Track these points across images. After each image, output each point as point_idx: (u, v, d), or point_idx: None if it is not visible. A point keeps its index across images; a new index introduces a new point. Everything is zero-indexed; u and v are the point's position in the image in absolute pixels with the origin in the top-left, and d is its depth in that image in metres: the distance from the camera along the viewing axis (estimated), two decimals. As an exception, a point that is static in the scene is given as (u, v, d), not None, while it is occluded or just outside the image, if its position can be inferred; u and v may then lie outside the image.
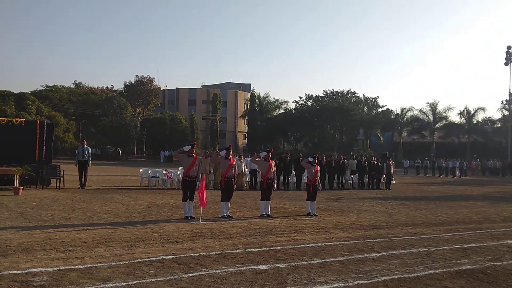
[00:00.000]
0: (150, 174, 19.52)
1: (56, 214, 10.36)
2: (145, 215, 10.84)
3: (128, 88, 67.63)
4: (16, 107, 46.05)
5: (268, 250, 7.43)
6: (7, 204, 11.58)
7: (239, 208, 12.95)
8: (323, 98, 70.41)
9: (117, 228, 8.81)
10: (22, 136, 16.21)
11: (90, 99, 59.63)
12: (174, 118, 60.49)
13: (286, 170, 21.08)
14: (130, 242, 7.54)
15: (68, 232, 8.16)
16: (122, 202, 13.25)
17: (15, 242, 7.10)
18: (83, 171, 16.98)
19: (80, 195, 14.50)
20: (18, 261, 5.96)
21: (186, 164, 10.91)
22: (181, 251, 7.08)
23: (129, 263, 6.16)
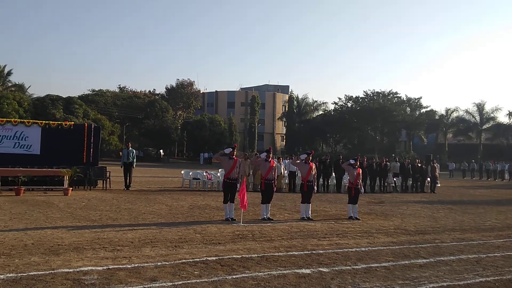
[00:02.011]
0: (191, 176, 19.86)
1: (103, 214, 10.72)
2: (187, 216, 11.03)
3: (170, 91, 69.16)
4: (65, 111, 47.94)
5: (310, 254, 7.38)
6: (58, 204, 12.08)
7: (279, 210, 12.94)
8: (363, 99, 69.30)
9: (161, 229, 9.01)
10: (71, 139, 16.85)
11: (133, 102, 61.31)
12: (213, 120, 61.24)
13: (326, 172, 20.89)
14: (174, 243, 7.69)
15: (116, 232, 8.42)
16: (165, 203, 13.54)
17: (66, 241, 7.40)
18: (128, 173, 17.48)
19: (125, 196, 14.93)
20: (69, 260, 6.20)
21: (226, 166, 11.01)
22: (223, 252, 7.16)
23: (174, 263, 6.29)
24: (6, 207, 11.13)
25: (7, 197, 13.32)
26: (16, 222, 9.15)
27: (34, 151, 16.33)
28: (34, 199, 13.15)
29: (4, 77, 65.75)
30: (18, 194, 13.80)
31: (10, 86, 65.12)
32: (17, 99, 47.24)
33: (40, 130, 16.52)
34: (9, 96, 46.81)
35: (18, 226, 8.70)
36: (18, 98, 47.66)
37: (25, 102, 47.98)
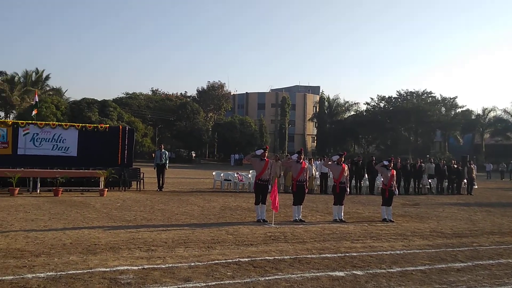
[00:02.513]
0: (222, 177, 19.99)
1: (138, 214, 10.93)
2: (219, 217, 11.10)
3: (201, 93, 69.99)
4: (100, 114, 49.23)
5: (343, 256, 7.29)
6: (94, 205, 12.41)
7: (310, 212, 12.86)
8: (396, 99, 68.08)
9: (194, 230, 9.11)
10: (107, 141, 17.28)
11: (165, 105, 62.33)
12: (243, 122, 61.50)
13: (359, 174, 20.62)
14: (207, 244, 7.76)
15: (150, 232, 8.56)
16: (197, 204, 13.68)
17: (103, 241, 7.59)
18: (161, 174, 17.77)
19: (158, 197, 15.18)
20: (106, 259, 6.35)
21: (258, 167, 11.02)
22: (256, 254, 7.16)
23: (207, 264, 6.34)
24: (46, 208, 11.51)
25: (46, 197, 13.78)
26: (55, 222, 9.45)
27: (72, 153, 16.82)
28: (71, 199, 13.54)
29: (43, 82, 68.17)
30: (57, 195, 14.25)
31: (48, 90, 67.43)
32: (55, 102, 48.87)
33: (77, 133, 16.99)
34: (47, 100, 48.46)
35: (57, 226, 8.98)
36: (56, 102, 49.29)
37: (62, 105, 49.58)
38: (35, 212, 10.61)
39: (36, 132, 16.35)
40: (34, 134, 16.30)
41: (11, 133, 15.97)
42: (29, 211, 10.81)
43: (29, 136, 16.23)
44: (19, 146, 16.08)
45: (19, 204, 11.97)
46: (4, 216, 9.86)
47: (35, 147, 16.32)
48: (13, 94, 60.58)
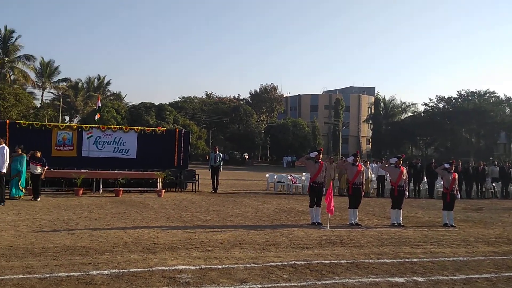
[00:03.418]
0: (275, 179, 19.99)
1: (194, 215, 11.16)
2: (273, 219, 11.09)
3: (254, 96, 70.57)
4: (157, 117, 50.93)
5: (403, 262, 7.04)
6: (152, 205, 12.80)
7: (367, 215, 12.55)
8: (456, 99, 65.21)
9: (249, 231, 9.16)
10: (164, 144, 17.81)
11: (219, 108, 63.44)
12: (296, 124, 61.32)
13: (417, 177, 19.90)
14: (262, 245, 7.76)
15: (206, 233, 8.71)
16: (251, 205, 13.76)
17: (162, 241, 7.80)
18: (215, 176, 18.05)
19: (213, 198, 15.43)
20: (165, 258, 6.52)
21: (312, 170, 10.91)
22: (312, 257, 7.08)
23: (263, 266, 6.34)
24: (108, 207, 12.02)
25: (108, 197, 14.40)
26: (117, 221, 9.84)
27: (131, 155, 17.48)
28: (131, 200, 14.06)
29: (104, 87, 71.56)
30: (118, 195, 14.86)
31: (109, 95, 70.67)
32: (115, 107, 51.12)
33: (136, 136, 17.64)
34: (108, 105, 50.76)
35: (118, 225, 9.35)
36: (116, 106, 51.56)
37: (122, 109, 51.78)
38: (98, 212, 11.11)
39: (99, 135, 17.14)
40: (97, 137, 17.10)
41: (76, 136, 16.85)
42: (92, 210, 11.34)
43: (92, 139, 17.04)
44: (83, 148, 16.93)
45: (83, 203, 12.59)
46: (70, 215, 10.40)
47: (97, 150, 17.12)
48: (77, 99, 64.06)
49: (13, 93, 42.88)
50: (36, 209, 11.16)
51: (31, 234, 7.88)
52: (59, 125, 18.08)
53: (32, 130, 16.37)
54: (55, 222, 9.27)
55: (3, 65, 52.88)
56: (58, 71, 62.03)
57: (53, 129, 16.82)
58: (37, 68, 58.83)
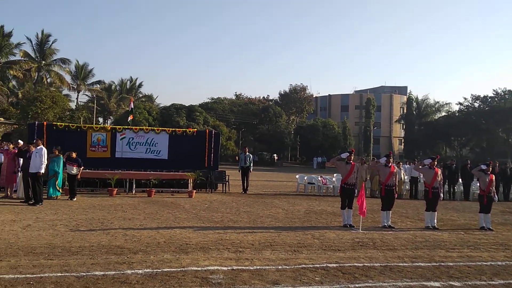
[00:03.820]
0: (306, 180, 19.87)
1: (224, 216, 11.22)
2: (304, 221, 11.03)
3: (283, 97, 70.44)
4: (187, 118, 51.54)
5: (438, 266, 6.87)
6: (184, 206, 12.96)
7: (400, 218, 12.32)
8: (492, 98, 63.11)
9: (280, 233, 9.13)
10: (194, 145, 17.98)
11: (248, 109, 63.65)
12: (326, 124, 60.81)
13: (452, 178, 19.39)
14: (293, 247, 7.73)
15: (237, 234, 8.73)
16: (281, 207, 13.72)
17: (193, 241, 7.88)
18: (246, 177, 18.09)
19: (243, 199, 15.47)
20: (197, 259, 6.58)
21: (344, 171, 10.80)
22: (344, 260, 6.99)
23: (294, 268, 6.31)
24: (141, 207, 12.24)
25: (140, 198, 14.66)
26: (149, 221, 10.00)
27: (163, 156, 17.72)
28: (163, 200, 14.27)
29: (136, 89, 72.99)
30: (150, 195, 15.11)
31: (141, 97, 72.02)
32: (147, 108, 52.02)
33: (168, 137, 17.87)
34: (140, 106, 51.72)
35: (151, 225, 9.50)
36: (148, 108, 52.46)
37: (153, 111, 52.65)
38: (132, 212, 11.33)
39: (132, 137, 17.46)
40: (129, 139, 17.43)
41: (110, 137, 17.22)
42: (126, 210, 11.57)
43: (125, 140, 17.38)
44: (117, 149, 17.28)
45: (117, 203, 12.86)
46: (104, 214, 10.64)
47: (130, 151, 17.44)
48: (110, 101, 65.59)
49: (49, 96, 44.25)
50: (72, 208, 11.48)
51: (68, 233, 8.11)
52: (94, 127, 18.54)
53: (68, 131, 16.84)
54: (90, 222, 9.51)
55: (40, 69, 54.72)
56: (92, 73, 63.89)
57: (88, 130, 17.26)
58: (72, 71, 60.69)
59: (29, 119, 40.41)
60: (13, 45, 50.79)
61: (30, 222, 9.18)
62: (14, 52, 51.53)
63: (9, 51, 50.49)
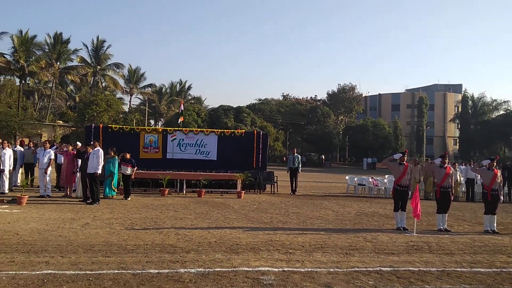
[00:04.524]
0: (356, 181, 19.51)
1: (274, 217, 11.21)
2: (355, 223, 10.81)
3: (331, 97, 69.61)
4: (235, 119, 52.07)
5: (499, 272, 6.52)
6: (233, 206, 13.07)
7: (456, 221, 11.81)
8: (556, 95, 59.28)
9: (330, 235, 9.00)
10: (243, 146, 18.12)
11: (296, 109, 63.40)
12: (376, 124, 59.44)
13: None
14: (345, 250, 7.59)
15: (287, 235, 8.70)
16: (331, 208, 13.54)
17: (243, 241, 7.92)
18: (294, 178, 18.01)
19: (292, 200, 15.40)
20: (248, 259, 6.60)
21: (396, 172, 10.50)
22: (398, 263, 6.79)
23: (346, 271, 6.19)
24: (191, 207, 12.48)
25: (191, 198, 14.95)
26: (200, 221, 10.17)
27: (212, 157, 18.00)
28: (213, 200, 14.47)
29: (185, 91, 74.67)
30: (200, 196, 15.37)
31: (190, 99, 73.59)
32: (196, 110, 53.05)
33: (217, 138, 18.13)
34: (189, 108, 52.82)
35: (202, 225, 9.65)
36: (197, 110, 53.48)
37: (202, 112, 53.59)
38: (183, 211, 11.57)
39: (182, 138, 17.87)
40: (180, 140, 17.84)
41: (161, 139, 17.72)
42: (177, 210, 11.83)
43: (176, 142, 17.80)
44: (168, 150, 17.74)
45: (169, 203, 13.18)
46: (157, 214, 10.93)
47: (181, 152, 17.85)
48: (161, 103, 67.51)
49: (104, 99, 46.17)
50: (127, 208, 11.89)
51: (124, 232, 8.39)
52: (146, 129, 19.11)
53: (122, 133, 17.49)
54: (144, 221, 9.80)
55: (95, 73, 57.22)
56: (144, 77, 66.08)
57: (140, 132, 17.83)
58: (125, 75, 62.99)
59: (85, 121, 42.37)
60: (71, 51, 53.41)
61: (88, 220, 9.59)
62: (71, 58, 54.22)
63: (67, 57, 53.11)
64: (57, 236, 7.72)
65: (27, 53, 45.78)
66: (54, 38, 51.73)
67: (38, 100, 61.12)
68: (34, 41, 46.97)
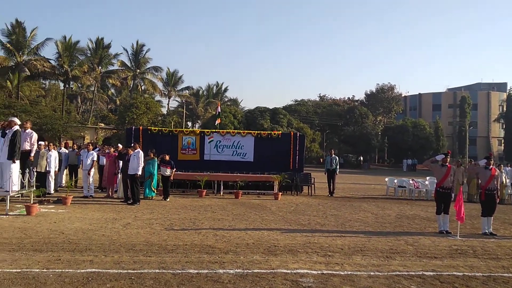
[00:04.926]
0: (396, 183, 19.08)
1: (311, 219, 11.11)
2: (395, 226, 10.57)
3: (369, 97, 68.44)
4: (271, 121, 52.05)
5: (552, 279, 6.19)
6: (270, 208, 13.06)
7: (503, 224, 11.35)
8: None
9: (370, 238, 8.83)
10: (279, 147, 18.09)
11: (333, 110, 62.69)
12: (416, 124, 57.93)
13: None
14: (385, 253, 7.42)
15: (325, 238, 8.60)
16: (370, 211, 13.29)
17: (281, 243, 7.89)
18: (332, 179, 17.81)
19: (330, 202, 15.23)
20: (286, 261, 6.57)
21: (439, 174, 10.19)
22: (441, 268, 6.58)
23: (387, 274, 6.06)
24: (229, 208, 12.56)
25: (228, 199, 15.05)
26: (238, 222, 10.22)
27: (248, 158, 18.07)
28: (250, 202, 14.51)
29: (222, 93, 75.39)
30: (237, 197, 15.45)
31: (226, 101, 74.25)
32: (233, 112, 53.41)
33: (253, 140, 18.19)
34: (226, 110, 53.25)
35: (239, 226, 9.70)
36: (233, 111, 53.85)
37: (238, 114, 53.90)
38: (220, 213, 11.66)
39: (219, 140, 18.04)
40: (217, 142, 18.02)
41: (199, 140, 17.95)
42: (215, 211, 11.93)
43: (213, 143, 17.99)
44: (205, 152, 17.95)
45: (206, 204, 13.32)
46: (195, 215, 11.07)
47: (218, 153, 18.02)
48: (198, 106, 68.46)
49: (144, 102, 47.24)
50: (166, 208, 12.10)
51: (164, 232, 8.55)
52: (184, 131, 19.42)
53: (161, 135, 17.84)
54: (183, 221, 9.95)
55: (135, 77, 58.70)
56: (182, 80, 67.16)
57: (179, 134, 18.13)
58: (163, 78, 64.28)
59: (126, 124, 43.50)
60: (112, 55, 55.02)
61: (130, 220, 9.83)
62: (112, 62, 55.84)
63: (108, 61, 54.75)
64: (100, 236, 7.96)
65: (70, 58, 47.54)
66: (96, 43, 53.45)
67: (81, 104, 63.37)
68: (77, 47, 48.69)
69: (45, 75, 47.82)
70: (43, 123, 38.41)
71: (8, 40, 43.67)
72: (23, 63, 44.16)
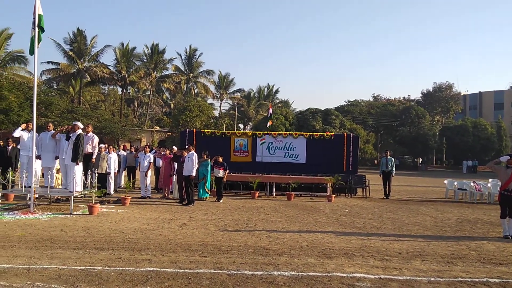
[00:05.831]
0: (455, 186, 18.25)
1: (367, 222, 10.85)
2: (456, 230, 10.09)
3: (426, 96, 66.15)
4: (323, 122, 51.52)
5: None
6: (323, 210, 12.90)
7: None
8: None
9: (429, 242, 8.49)
10: (332, 149, 17.85)
11: (387, 110, 61.06)
12: (477, 124, 55.23)
13: None
14: (446, 258, 7.10)
15: (382, 241, 8.36)
16: (429, 214, 12.79)
17: (336, 246, 7.76)
18: (387, 181, 17.31)
19: (386, 205, 14.82)
20: (342, 265, 6.45)
21: (503, 176, 9.63)
22: (507, 275, 6.20)
23: (449, 280, 5.79)
24: (281, 210, 12.53)
25: (280, 201, 15.02)
26: (291, 224, 10.17)
27: (301, 160, 17.96)
28: (302, 204, 14.41)
29: (273, 95, 75.54)
30: (289, 199, 15.39)
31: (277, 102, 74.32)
32: (284, 113, 53.37)
33: (305, 141, 18.06)
34: (277, 112, 53.29)
35: (293, 228, 9.64)
36: (285, 113, 53.80)
37: (290, 116, 53.77)
38: (273, 214, 11.65)
39: (271, 141, 18.07)
40: (269, 143, 18.05)
41: (251, 142, 18.07)
42: (268, 212, 11.95)
43: (265, 145, 18.04)
44: (257, 154, 18.03)
45: (259, 206, 13.37)
46: (248, 216, 11.13)
47: (269, 155, 18.05)
48: (249, 108, 68.99)
49: (197, 105, 48.31)
50: (220, 209, 12.27)
51: (218, 233, 8.66)
52: (236, 133, 19.61)
53: (214, 137, 18.13)
54: (237, 223, 10.04)
55: (188, 81, 60.18)
56: (233, 82, 68.11)
57: (231, 136, 18.34)
58: (215, 81, 65.42)
59: (180, 127, 44.65)
60: (166, 60, 56.79)
61: (185, 221, 10.05)
62: (167, 67, 57.67)
63: (163, 66, 56.58)
64: (158, 235, 8.19)
65: (127, 64, 49.56)
66: (151, 49, 55.37)
67: (138, 108, 65.81)
68: (134, 53, 50.71)
69: (104, 81, 50.21)
70: (103, 126, 40.28)
71: (71, 48, 46.29)
72: (84, 69, 46.63)
